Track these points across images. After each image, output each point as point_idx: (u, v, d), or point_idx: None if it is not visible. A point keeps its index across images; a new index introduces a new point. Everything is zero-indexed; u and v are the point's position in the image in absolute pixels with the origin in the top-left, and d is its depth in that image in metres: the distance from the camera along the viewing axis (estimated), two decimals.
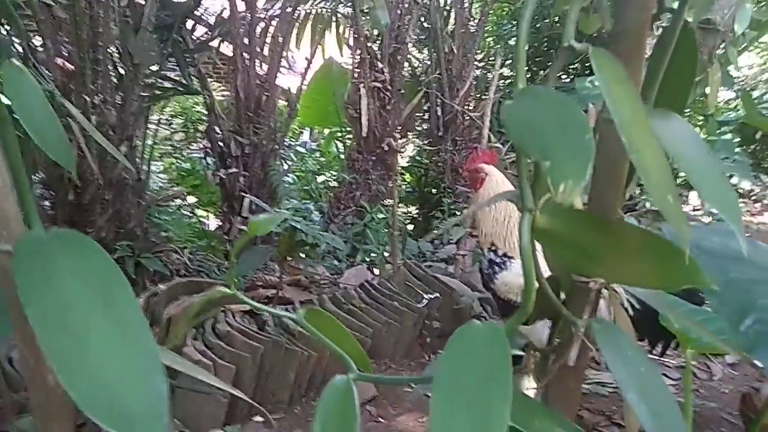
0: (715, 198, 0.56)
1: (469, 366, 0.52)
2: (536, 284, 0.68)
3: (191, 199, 4.69)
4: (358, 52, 3.84)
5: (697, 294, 1.35)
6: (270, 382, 1.69)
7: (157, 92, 3.18)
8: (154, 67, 2.93)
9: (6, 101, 0.59)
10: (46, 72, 2.26)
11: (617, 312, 0.77)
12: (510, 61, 4.91)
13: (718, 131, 5.43)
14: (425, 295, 2.20)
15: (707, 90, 2.92)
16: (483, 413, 0.49)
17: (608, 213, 0.71)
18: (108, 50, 2.44)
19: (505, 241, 1.64)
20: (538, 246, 0.66)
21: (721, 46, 2.79)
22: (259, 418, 1.68)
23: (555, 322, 0.83)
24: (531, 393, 0.87)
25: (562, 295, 0.79)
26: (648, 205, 3.63)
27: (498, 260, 1.61)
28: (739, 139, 5.48)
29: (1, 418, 1.48)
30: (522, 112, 0.57)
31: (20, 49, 2.26)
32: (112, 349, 0.42)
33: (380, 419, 1.75)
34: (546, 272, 0.72)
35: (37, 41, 2.46)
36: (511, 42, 5.73)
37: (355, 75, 3.90)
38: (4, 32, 2.21)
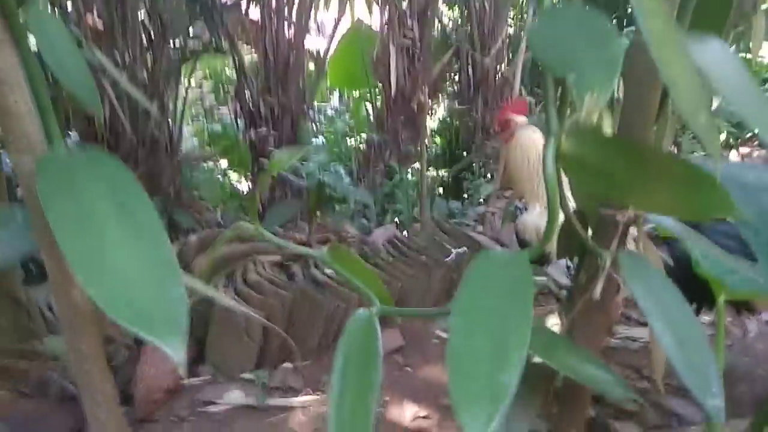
0: (752, 112, 0.53)
1: (489, 288, 0.52)
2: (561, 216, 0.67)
3: (223, 163, 4.74)
4: (387, 9, 3.77)
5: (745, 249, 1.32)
6: (298, 330, 1.72)
7: (187, 52, 3.19)
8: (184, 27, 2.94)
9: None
10: (76, 30, 2.28)
11: (646, 246, 0.75)
12: None
13: (764, 89, 5.21)
14: (453, 249, 2.20)
15: (751, 45, 2.79)
16: (503, 332, 0.48)
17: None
18: (137, 9, 2.45)
19: (534, 194, 1.65)
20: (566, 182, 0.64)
21: None
22: (288, 364, 1.71)
23: (581, 258, 0.81)
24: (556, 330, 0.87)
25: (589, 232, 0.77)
26: None
27: (522, 206, 1.67)
28: None
29: (41, 366, 1.54)
30: (547, 30, 0.55)
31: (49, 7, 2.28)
32: (130, 253, 0.42)
33: (407, 368, 1.77)
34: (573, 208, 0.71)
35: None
36: None
37: (384, 33, 3.84)
38: None
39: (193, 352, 1.68)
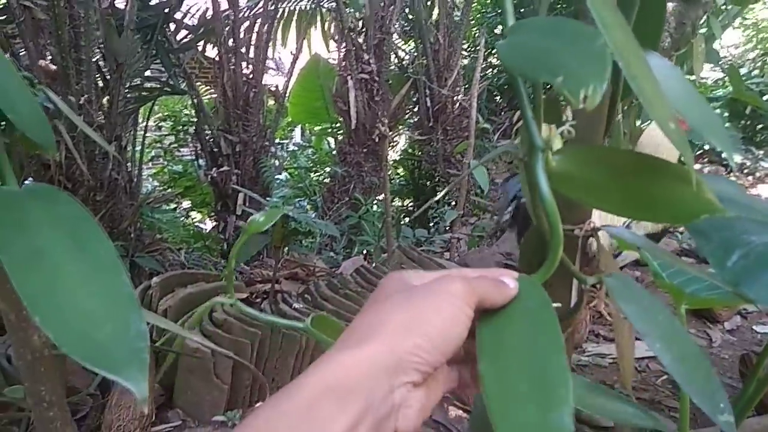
0: (699, 120, 0.56)
1: (509, 322, 0.46)
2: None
3: (186, 204, 4.69)
4: (344, 44, 3.83)
5: None
6: (270, 368, 1.68)
7: (144, 93, 3.17)
8: (140, 68, 2.92)
9: None
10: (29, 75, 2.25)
11: (605, 257, 0.77)
12: (495, 49, 4.90)
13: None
14: None
15: (693, 66, 2.93)
16: (540, 368, 0.41)
17: None
18: (91, 51, 2.43)
19: None
20: None
21: (704, 19, 2.79)
22: (261, 403, 1.67)
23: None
24: None
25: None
26: None
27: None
28: (728, 115, 5.51)
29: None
30: (519, 41, 0.55)
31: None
32: (87, 289, 0.41)
33: None
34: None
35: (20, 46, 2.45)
36: (497, 31, 5.73)
37: (342, 67, 3.89)
38: None
39: (162, 398, 1.62)
